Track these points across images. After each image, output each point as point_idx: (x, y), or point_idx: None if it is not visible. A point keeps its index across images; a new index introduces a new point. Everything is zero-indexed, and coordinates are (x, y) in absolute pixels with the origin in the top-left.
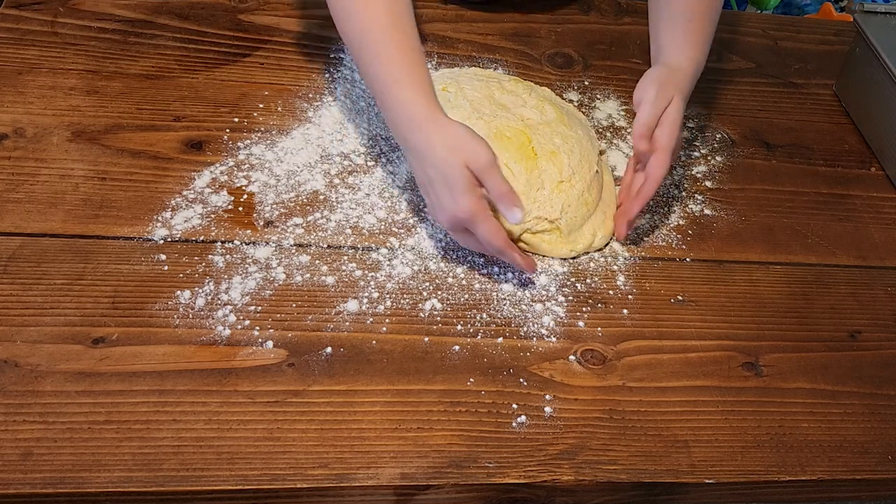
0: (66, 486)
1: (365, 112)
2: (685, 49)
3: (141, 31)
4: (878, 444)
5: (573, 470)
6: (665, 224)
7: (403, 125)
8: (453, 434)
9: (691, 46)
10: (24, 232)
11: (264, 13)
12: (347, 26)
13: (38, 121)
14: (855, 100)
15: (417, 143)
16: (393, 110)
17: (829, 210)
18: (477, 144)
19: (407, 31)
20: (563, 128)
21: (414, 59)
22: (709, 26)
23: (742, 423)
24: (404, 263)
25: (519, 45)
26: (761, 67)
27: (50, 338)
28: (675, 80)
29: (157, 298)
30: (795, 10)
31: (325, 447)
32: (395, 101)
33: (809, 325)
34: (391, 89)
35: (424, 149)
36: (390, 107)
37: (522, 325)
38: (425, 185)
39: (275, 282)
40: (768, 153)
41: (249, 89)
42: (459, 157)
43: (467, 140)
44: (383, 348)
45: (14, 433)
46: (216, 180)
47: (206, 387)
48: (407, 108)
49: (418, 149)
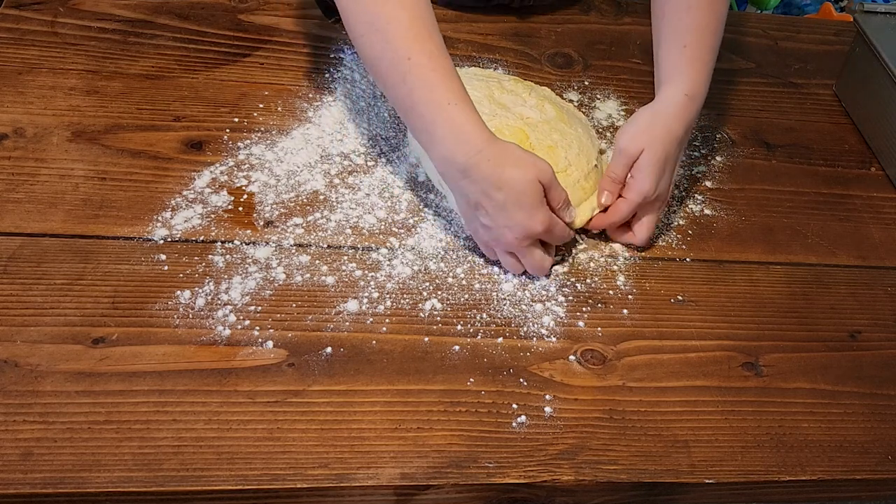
0: (66, 486)
1: (365, 112)
2: (678, 81)
3: (141, 31)
4: (878, 444)
5: (573, 470)
6: (665, 224)
7: (460, 149)
8: (453, 434)
9: (684, 77)
10: (24, 232)
11: (264, 13)
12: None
13: (38, 121)
14: (855, 100)
15: (480, 166)
16: (448, 132)
17: (829, 210)
18: (538, 159)
19: (444, 51)
20: (562, 125)
21: (457, 78)
22: (706, 53)
23: (742, 423)
24: (404, 263)
25: (519, 45)
26: (761, 67)
27: (50, 338)
28: (656, 124)
29: (157, 298)
30: (795, 10)
31: (325, 447)
32: (451, 125)
33: (809, 325)
34: (445, 111)
35: (492, 171)
36: (442, 129)
37: (522, 325)
38: (486, 207)
39: (275, 282)
40: (768, 153)
41: (249, 89)
42: (531, 173)
43: (528, 155)
44: (383, 348)
45: (14, 433)
46: (216, 180)
47: (206, 387)
48: (464, 129)
49: (482, 172)
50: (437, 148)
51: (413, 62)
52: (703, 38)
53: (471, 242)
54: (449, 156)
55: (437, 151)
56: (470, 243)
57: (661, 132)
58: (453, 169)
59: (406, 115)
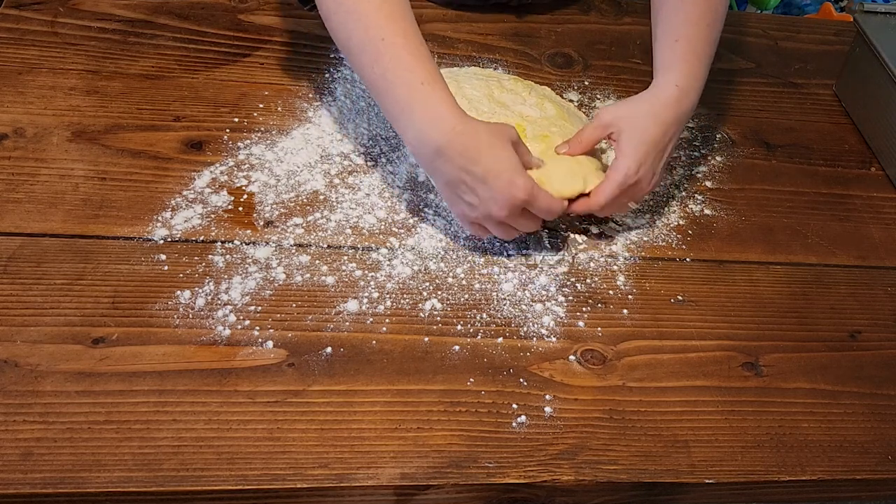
0: (66, 486)
1: (365, 112)
2: (669, 73)
3: (141, 31)
4: (878, 444)
5: (573, 470)
6: (665, 224)
7: (435, 128)
8: (453, 434)
9: (676, 70)
10: (24, 232)
11: (264, 13)
12: (349, 30)
13: (38, 121)
14: (855, 100)
15: (454, 143)
16: (421, 112)
17: (829, 210)
18: (503, 124)
19: (417, 31)
20: (562, 122)
21: (430, 58)
22: (701, 46)
23: (742, 423)
24: (404, 263)
25: (519, 45)
26: (761, 67)
27: (50, 338)
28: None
29: (157, 298)
30: (795, 10)
31: (325, 447)
32: (425, 105)
33: (809, 325)
34: (419, 92)
35: (467, 145)
36: (417, 110)
37: (522, 325)
38: (466, 183)
39: (275, 282)
40: (768, 153)
41: (249, 89)
42: (503, 138)
43: (496, 124)
44: (383, 348)
45: (14, 433)
46: (216, 180)
47: (206, 387)
48: (439, 109)
49: (457, 148)
50: (412, 128)
51: (387, 42)
52: (697, 32)
53: (471, 242)
54: (424, 137)
55: (412, 132)
56: (470, 243)
57: (646, 116)
58: (428, 150)
59: (380, 96)
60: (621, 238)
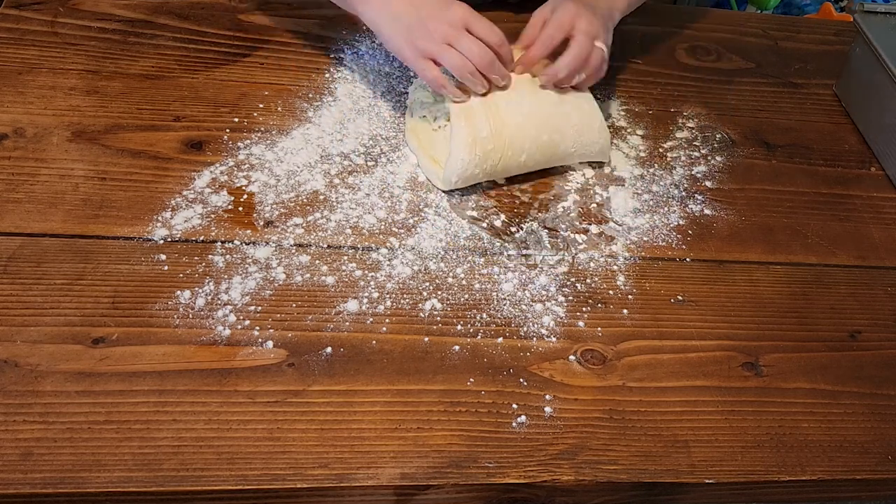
0: (66, 486)
1: (365, 112)
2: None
3: (141, 31)
4: (878, 444)
5: (573, 470)
6: (665, 224)
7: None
8: (453, 434)
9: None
10: (24, 232)
11: (264, 13)
12: None
13: (38, 121)
14: (855, 100)
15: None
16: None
17: (829, 210)
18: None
19: None
20: None
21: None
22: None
23: (742, 423)
24: (404, 263)
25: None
26: (761, 67)
27: (50, 338)
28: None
29: (157, 298)
30: (795, 10)
31: (325, 447)
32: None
33: (809, 325)
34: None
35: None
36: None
37: (522, 325)
38: (402, 18)
39: (275, 282)
40: (768, 153)
41: (249, 89)
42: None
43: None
44: (383, 348)
45: (14, 433)
46: (216, 180)
47: (206, 387)
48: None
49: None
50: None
51: None
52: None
53: (471, 242)
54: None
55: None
56: (470, 243)
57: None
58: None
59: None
60: (621, 238)
